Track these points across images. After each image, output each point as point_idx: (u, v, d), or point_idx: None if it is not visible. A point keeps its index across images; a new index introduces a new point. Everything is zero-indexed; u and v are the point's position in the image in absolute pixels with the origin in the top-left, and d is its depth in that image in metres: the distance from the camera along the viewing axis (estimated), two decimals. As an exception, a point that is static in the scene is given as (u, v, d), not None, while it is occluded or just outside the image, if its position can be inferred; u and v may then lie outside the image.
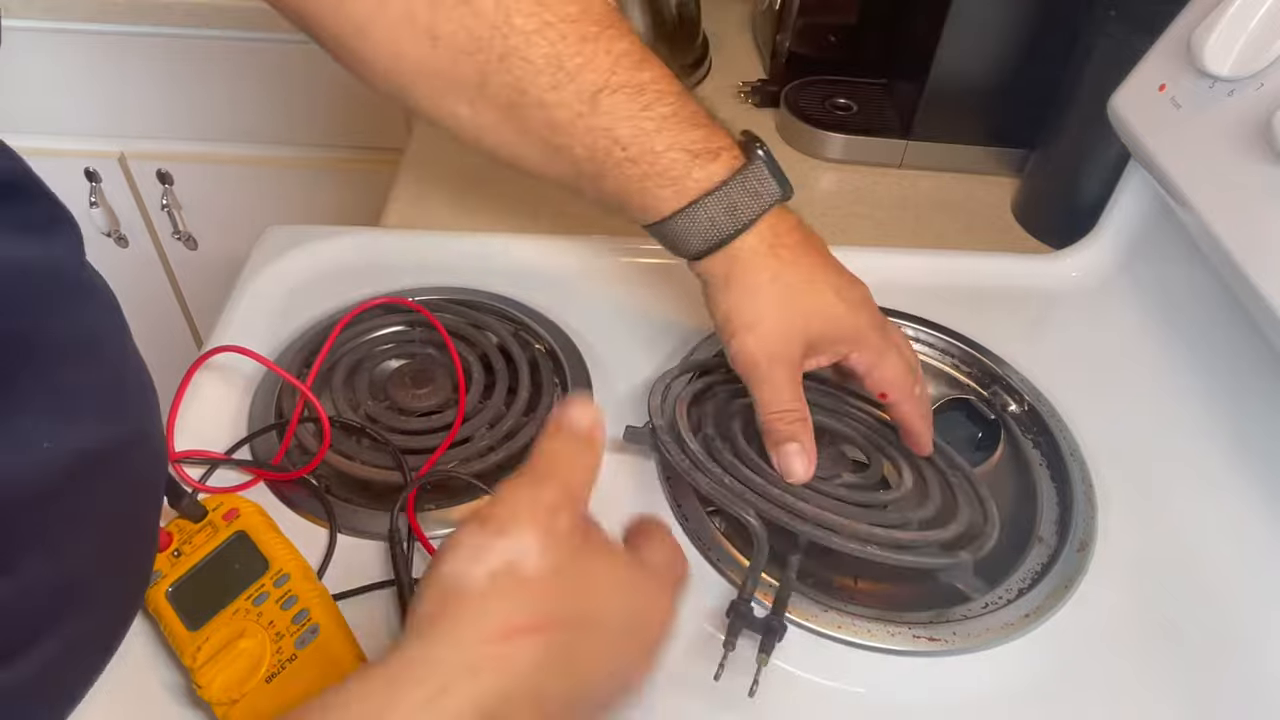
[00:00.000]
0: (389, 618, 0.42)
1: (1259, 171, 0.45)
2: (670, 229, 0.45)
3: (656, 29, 0.84)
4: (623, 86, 0.43)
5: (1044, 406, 0.54)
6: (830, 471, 0.47)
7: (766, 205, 0.44)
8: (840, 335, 0.46)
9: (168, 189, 1.12)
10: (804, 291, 0.45)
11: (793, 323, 0.45)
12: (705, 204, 0.44)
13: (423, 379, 0.52)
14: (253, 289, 0.58)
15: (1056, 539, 0.47)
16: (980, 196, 0.76)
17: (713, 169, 0.44)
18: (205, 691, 0.36)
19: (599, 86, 0.43)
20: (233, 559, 0.41)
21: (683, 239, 0.45)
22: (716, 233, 0.44)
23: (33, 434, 0.30)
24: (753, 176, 0.44)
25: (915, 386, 0.47)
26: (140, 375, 0.38)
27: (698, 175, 0.44)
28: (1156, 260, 0.60)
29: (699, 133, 0.44)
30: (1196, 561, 0.47)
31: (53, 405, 0.31)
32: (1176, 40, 0.52)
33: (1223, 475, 0.51)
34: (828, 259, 0.47)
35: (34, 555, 0.30)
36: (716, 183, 0.44)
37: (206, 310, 1.25)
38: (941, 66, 0.72)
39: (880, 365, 0.46)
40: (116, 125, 1.08)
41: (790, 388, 0.44)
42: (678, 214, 0.44)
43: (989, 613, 0.43)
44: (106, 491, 0.34)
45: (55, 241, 0.33)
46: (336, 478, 0.48)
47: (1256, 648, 0.44)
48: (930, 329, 0.59)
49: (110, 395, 0.35)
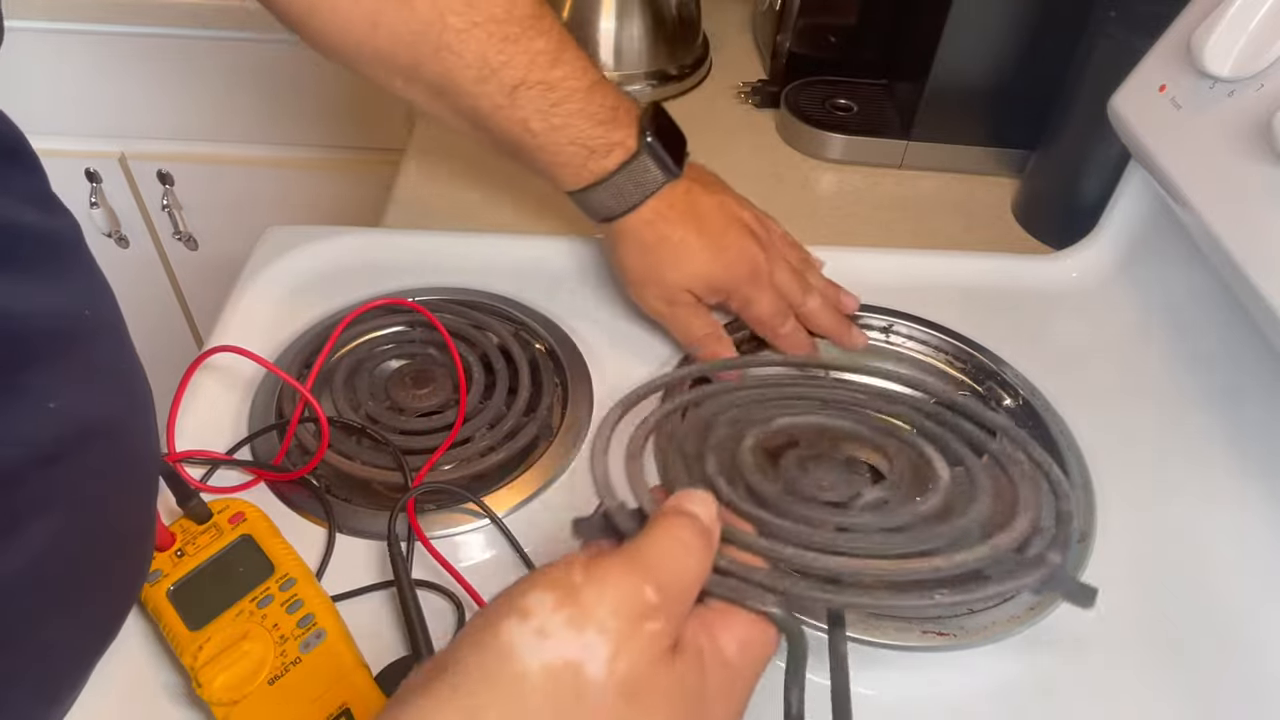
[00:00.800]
0: (388, 618, 0.42)
1: (1259, 171, 0.45)
2: (576, 200, 0.54)
3: (656, 29, 0.84)
4: (537, 84, 0.50)
5: (1039, 401, 0.54)
6: (846, 492, 0.35)
7: (650, 190, 0.52)
8: (714, 286, 0.53)
9: (168, 189, 1.12)
10: (683, 251, 0.53)
11: (677, 278, 0.53)
12: (597, 191, 0.52)
13: (423, 379, 0.53)
14: (253, 289, 0.58)
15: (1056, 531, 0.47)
16: (980, 197, 0.76)
17: (605, 163, 0.52)
18: (206, 691, 0.36)
19: (517, 82, 0.50)
20: (237, 561, 0.41)
21: (586, 209, 0.55)
22: (608, 211, 0.53)
23: (40, 393, 0.30)
24: (638, 169, 0.52)
25: (784, 324, 0.54)
26: (136, 366, 0.38)
27: (592, 167, 0.52)
28: (1156, 260, 0.60)
29: (599, 129, 0.51)
30: (1196, 561, 0.47)
31: (58, 369, 0.31)
32: (1177, 41, 0.52)
33: (1223, 476, 0.51)
34: (710, 223, 0.53)
35: (41, 522, 0.30)
36: (605, 175, 0.52)
37: (206, 310, 1.25)
38: (942, 67, 0.72)
39: (746, 309, 0.54)
40: (117, 125, 1.08)
41: (697, 319, 0.54)
42: (577, 193, 0.53)
43: (994, 606, 0.43)
44: (108, 464, 0.34)
45: (58, 216, 0.34)
46: (337, 478, 0.48)
47: (1256, 646, 0.44)
48: (924, 326, 0.59)
49: (109, 374, 0.35)
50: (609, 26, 0.83)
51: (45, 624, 0.33)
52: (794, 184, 0.76)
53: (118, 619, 0.39)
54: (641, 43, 0.84)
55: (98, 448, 0.33)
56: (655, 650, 0.25)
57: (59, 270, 0.33)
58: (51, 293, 0.32)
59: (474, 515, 0.47)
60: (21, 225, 0.31)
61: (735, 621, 0.28)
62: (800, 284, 0.55)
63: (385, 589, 0.43)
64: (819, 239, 0.70)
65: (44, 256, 0.32)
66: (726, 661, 0.27)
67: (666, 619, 0.26)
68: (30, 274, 0.31)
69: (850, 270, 0.62)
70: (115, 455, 0.35)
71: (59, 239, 0.33)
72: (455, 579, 0.43)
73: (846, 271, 0.62)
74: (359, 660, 0.39)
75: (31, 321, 0.30)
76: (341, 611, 0.40)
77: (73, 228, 0.34)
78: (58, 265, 0.33)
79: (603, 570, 0.26)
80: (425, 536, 0.44)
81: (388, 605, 0.43)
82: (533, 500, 0.48)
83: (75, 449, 0.31)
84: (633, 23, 0.84)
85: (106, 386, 0.35)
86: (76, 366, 0.32)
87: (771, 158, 0.79)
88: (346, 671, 0.38)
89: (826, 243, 0.70)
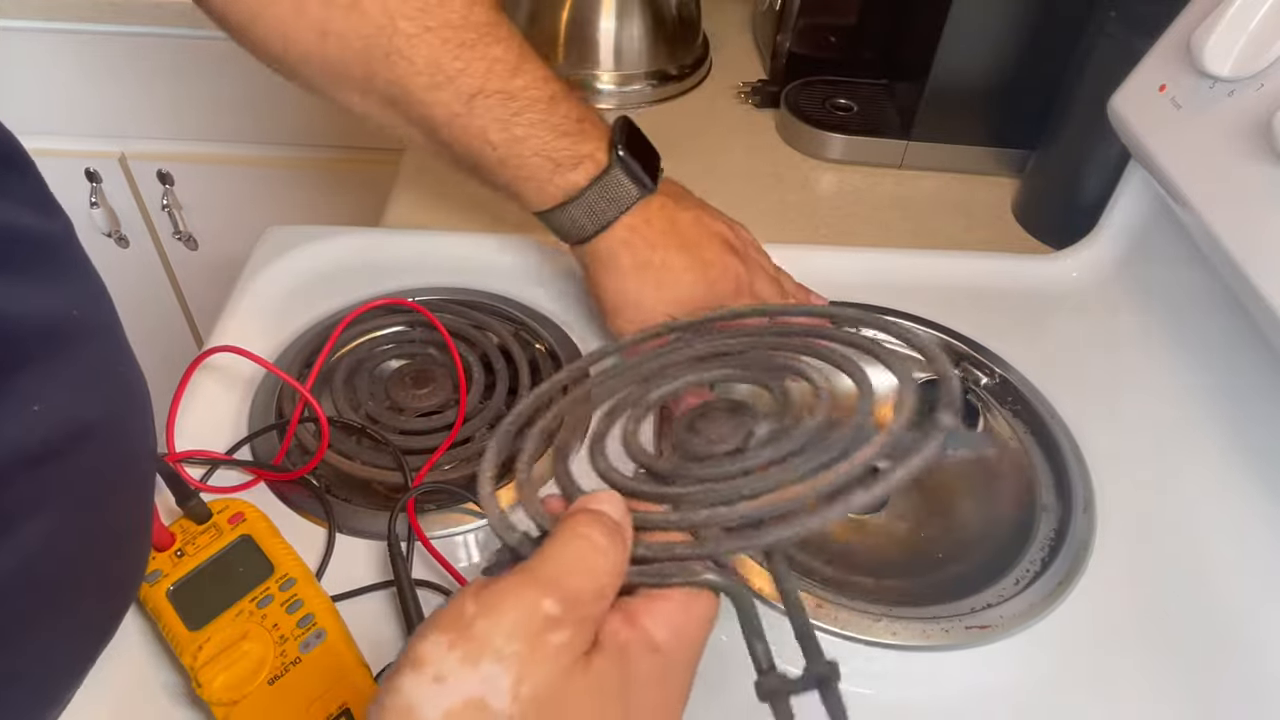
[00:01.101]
0: (387, 619, 0.42)
1: (1259, 171, 0.45)
2: (547, 222, 0.51)
3: (656, 29, 0.85)
4: (496, 92, 0.47)
5: (1014, 376, 0.55)
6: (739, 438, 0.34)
7: (625, 207, 0.49)
8: (697, 307, 0.50)
9: (168, 189, 1.12)
10: (663, 273, 0.50)
11: (656, 304, 0.50)
12: (568, 208, 0.49)
13: (423, 379, 0.53)
14: (253, 289, 0.58)
15: (1060, 503, 0.48)
16: (980, 197, 0.76)
17: (573, 178, 0.49)
18: (205, 691, 0.36)
19: (475, 90, 0.47)
20: (237, 562, 0.41)
21: (558, 231, 0.52)
22: (581, 232, 0.50)
23: (30, 395, 0.30)
24: (611, 184, 0.49)
25: None
26: (132, 366, 0.38)
27: (559, 182, 0.49)
28: (1156, 260, 0.60)
29: (565, 141, 0.49)
30: (1197, 561, 0.47)
31: (51, 371, 0.31)
32: (1176, 41, 0.52)
33: (1223, 476, 0.51)
34: (689, 239, 0.51)
35: (33, 522, 0.30)
36: (575, 191, 0.49)
37: (206, 310, 1.25)
38: (942, 67, 0.72)
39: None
40: (116, 125, 1.08)
41: None
42: (544, 215, 0.51)
43: (995, 607, 0.43)
44: (103, 464, 0.34)
45: (54, 218, 0.34)
46: (337, 478, 0.48)
47: (1256, 646, 0.44)
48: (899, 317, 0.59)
49: (104, 375, 0.35)
50: (609, 26, 0.83)
51: (41, 624, 0.33)
52: (794, 184, 0.76)
53: (115, 618, 0.39)
54: (641, 43, 0.84)
55: (91, 448, 0.33)
56: (564, 661, 0.25)
57: (54, 272, 0.33)
58: (47, 295, 0.32)
59: (474, 515, 0.47)
60: (19, 228, 0.31)
61: (660, 607, 0.27)
62: (779, 292, 0.54)
63: (385, 589, 0.43)
64: (819, 239, 0.70)
65: (40, 259, 0.32)
66: (656, 647, 0.27)
67: (574, 626, 0.25)
68: (26, 276, 0.31)
69: (850, 270, 0.62)
70: (110, 455, 0.35)
71: (55, 241, 0.33)
72: (455, 579, 0.43)
73: (847, 271, 0.62)
74: (359, 660, 0.39)
75: (26, 323, 0.30)
76: (341, 611, 0.40)
77: (67, 229, 0.34)
78: (53, 267, 0.33)
79: (495, 595, 0.25)
80: (425, 536, 0.44)
81: (388, 605, 0.43)
82: (533, 500, 0.48)
83: (67, 449, 0.31)
84: (633, 23, 0.84)
85: (100, 387, 0.34)
86: (69, 368, 0.32)
87: (771, 158, 0.79)
88: (346, 671, 0.38)
89: (826, 243, 0.70)
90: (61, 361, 0.32)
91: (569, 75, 0.85)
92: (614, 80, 0.85)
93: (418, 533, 0.44)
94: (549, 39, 0.85)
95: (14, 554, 0.30)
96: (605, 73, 0.85)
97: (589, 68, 0.85)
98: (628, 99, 0.85)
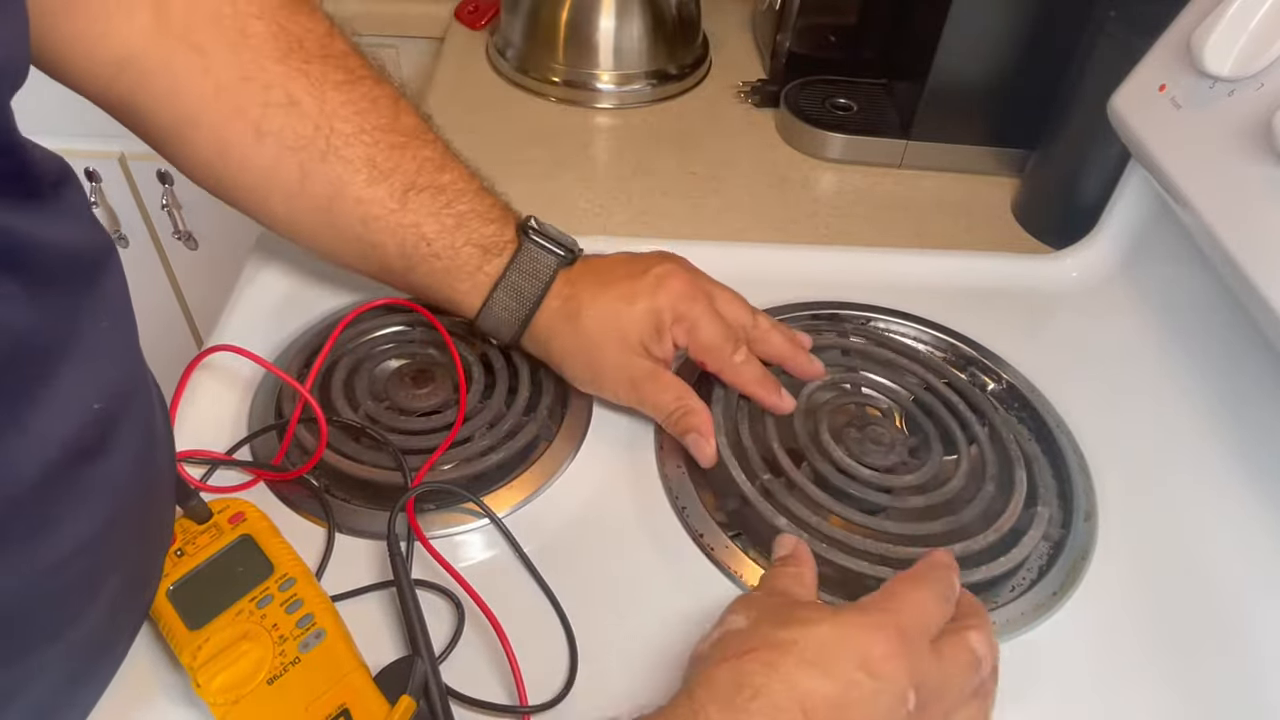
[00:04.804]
0: (387, 619, 0.42)
1: (1259, 171, 0.45)
2: (482, 325, 0.51)
3: (656, 29, 0.85)
4: (427, 187, 0.49)
5: (1015, 376, 0.55)
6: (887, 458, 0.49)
7: (546, 280, 0.50)
8: (656, 322, 0.50)
9: (168, 189, 1.12)
10: (604, 322, 0.49)
11: (617, 356, 0.50)
12: (497, 296, 0.50)
13: (423, 379, 0.52)
14: (253, 289, 0.58)
15: (1060, 512, 0.49)
16: (980, 196, 0.76)
17: (499, 261, 0.50)
18: (205, 690, 0.36)
19: (408, 186, 0.49)
20: (237, 562, 0.41)
21: (495, 332, 0.51)
22: (515, 317, 0.50)
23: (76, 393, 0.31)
24: (526, 260, 0.50)
25: (733, 354, 0.50)
26: (148, 370, 0.39)
27: (488, 269, 0.50)
28: (1156, 260, 0.60)
29: (491, 228, 0.50)
30: (1197, 561, 0.47)
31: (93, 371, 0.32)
32: (1176, 40, 0.52)
33: (1223, 476, 0.51)
34: (617, 271, 0.51)
35: (71, 523, 0.31)
36: (500, 274, 0.50)
37: (206, 310, 1.25)
38: (941, 66, 0.72)
39: (694, 334, 0.50)
40: (116, 125, 1.07)
41: (663, 393, 0.49)
42: (480, 313, 0.50)
43: (1016, 598, 0.44)
44: (133, 465, 0.35)
45: (99, 229, 0.35)
46: (336, 478, 0.48)
47: (1256, 646, 0.44)
48: (900, 318, 0.59)
49: (131, 376, 0.36)
50: (609, 26, 0.83)
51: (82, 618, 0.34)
52: (794, 184, 0.76)
53: (143, 614, 0.40)
54: (641, 43, 0.84)
55: (121, 448, 0.34)
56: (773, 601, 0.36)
57: (101, 280, 0.34)
58: (95, 300, 0.33)
59: (474, 515, 0.47)
60: (77, 241, 0.33)
61: None
62: (745, 306, 0.52)
63: (385, 589, 0.43)
64: (819, 239, 0.70)
65: (93, 270, 0.33)
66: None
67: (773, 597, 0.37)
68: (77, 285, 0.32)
69: (850, 270, 0.62)
70: (139, 456, 0.35)
71: (104, 250, 0.34)
72: (455, 579, 0.43)
73: (847, 271, 0.62)
74: (358, 660, 0.38)
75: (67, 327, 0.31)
76: (341, 611, 0.40)
77: (108, 239, 0.36)
78: (102, 275, 0.34)
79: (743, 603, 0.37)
80: (425, 536, 0.44)
81: (387, 605, 0.43)
82: (532, 500, 0.48)
83: (101, 449, 0.32)
84: (633, 23, 0.84)
85: (127, 387, 0.35)
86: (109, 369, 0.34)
87: (771, 157, 0.79)
88: (346, 671, 0.38)
89: (826, 243, 0.70)
90: (103, 362, 0.33)
91: (569, 75, 0.85)
92: (614, 80, 0.85)
93: (417, 533, 0.44)
94: (549, 39, 0.85)
95: (53, 551, 0.31)
96: (605, 72, 0.85)
97: (589, 67, 0.85)
98: (627, 99, 0.85)
